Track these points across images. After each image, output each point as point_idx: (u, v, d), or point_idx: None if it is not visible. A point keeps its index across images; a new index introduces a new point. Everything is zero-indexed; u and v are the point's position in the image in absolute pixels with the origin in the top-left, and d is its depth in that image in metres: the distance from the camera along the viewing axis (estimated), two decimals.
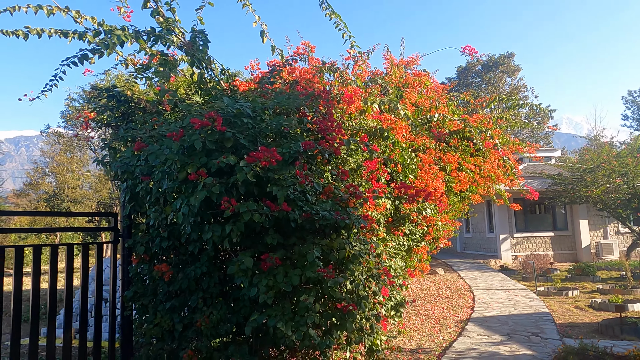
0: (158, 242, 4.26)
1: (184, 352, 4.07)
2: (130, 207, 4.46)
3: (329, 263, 3.90)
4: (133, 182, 4.28)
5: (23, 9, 5.41)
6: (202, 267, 4.10)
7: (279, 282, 3.62)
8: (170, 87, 5.24)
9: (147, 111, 4.94)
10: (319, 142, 4.02)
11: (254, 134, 3.76)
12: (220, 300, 4.19)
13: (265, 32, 5.98)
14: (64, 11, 5.44)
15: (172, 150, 3.46)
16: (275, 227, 3.83)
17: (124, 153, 4.31)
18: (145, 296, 4.42)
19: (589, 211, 18.59)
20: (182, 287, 4.15)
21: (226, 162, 3.39)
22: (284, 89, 4.99)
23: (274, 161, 3.33)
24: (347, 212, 4.02)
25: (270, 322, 3.64)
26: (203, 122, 3.34)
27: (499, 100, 9.66)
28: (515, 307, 9.11)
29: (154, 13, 4.51)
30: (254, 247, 3.87)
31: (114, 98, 4.79)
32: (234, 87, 5.40)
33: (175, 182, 3.57)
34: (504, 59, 32.40)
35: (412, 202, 5.62)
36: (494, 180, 9.49)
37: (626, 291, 10.93)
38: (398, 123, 6.09)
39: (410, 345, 6.48)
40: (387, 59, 9.24)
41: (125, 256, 4.61)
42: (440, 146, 8.35)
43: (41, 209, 29.49)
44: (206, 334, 3.97)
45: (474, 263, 17.54)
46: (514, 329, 7.19)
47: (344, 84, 6.05)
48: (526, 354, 5.85)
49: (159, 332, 4.15)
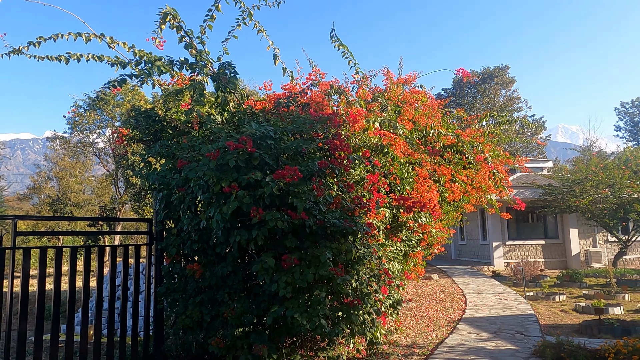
0: (189, 245, 4.92)
1: (211, 339, 4.72)
2: (164, 214, 5.12)
3: (337, 263, 4.57)
4: (168, 192, 4.94)
5: (65, 36, 6.12)
6: (227, 266, 4.76)
7: (296, 279, 4.29)
8: (194, 106, 5.92)
9: (176, 129, 5.60)
10: (330, 159, 4.70)
11: (275, 153, 4.45)
12: (242, 295, 4.86)
13: (278, 56, 6.67)
14: (99, 38, 6.13)
15: (209, 167, 4.13)
16: (292, 232, 4.50)
17: (162, 167, 4.98)
18: (176, 292, 5.07)
19: (578, 220, 19.31)
20: (211, 284, 4.81)
21: (255, 177, 4.07)
22: (299, 111, 5.68)
23: (296, 178, 4.01)
24: (353, 220, 4.70)
25: (289, 313, 4.31)
26: (237, 145, 4.02)
27: (490, 117, 10.37)
28: (503, 309, 9.79)
29: (187, 46, 5.19)
30: (274, 250, 4.53)
31: (150, 118, 5.45)
32: (251, 108, 6.08)
33: (210, 193, 4.24)
34: (498, 71, 33.31)
35: (409, 211, 6.30)
36: (485, 190, 10.19)
37: (609, 296, 11.63)
38: (397, 140, 6.78)
39: (406, 341, 7.13)
40: (386, 75, 9.95)
41: (158, 257, 5.26)
42: (435, 159, 9.04)
43: (44, 214, 30.04)
44: (232, 323, 4.63)
45: (468, 269, 18.21)
46: (500, 328, 7.85)
47: (349, 105, 6.74)
48: (510, 348, 6.53)
49: (190, 322, 4.79)
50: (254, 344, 4.58)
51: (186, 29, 5.14)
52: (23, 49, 5.87)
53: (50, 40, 6.00)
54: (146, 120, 5.46)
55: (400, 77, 10.31)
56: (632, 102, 50.95)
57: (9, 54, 5.84)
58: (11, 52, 5.82)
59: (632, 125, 51.15)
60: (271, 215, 4.03)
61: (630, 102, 51.06)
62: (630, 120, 51.31)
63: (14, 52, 5.82)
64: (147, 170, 5.21)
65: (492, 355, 6.17)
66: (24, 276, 4.09)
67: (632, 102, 50.95)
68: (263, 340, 4.60)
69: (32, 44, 5.87)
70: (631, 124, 51.24)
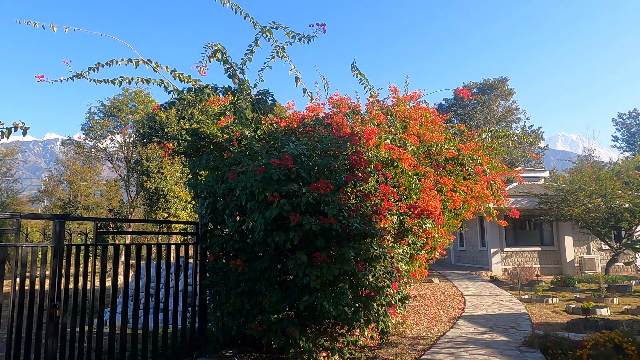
0: (231, 244, 5.81)
1: (251, 324, 5.60)
2: (209, 218, 6.01)
3: (358, 261, 5.46)
4: (214, 199, 5.84)
5: (118, 62, 7.05)
6: (265, 262, 5.65)
7: (324, 273, 5.18)
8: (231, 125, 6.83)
9: (217, 145, 6.51)
10: (352, 173, 5.61)
11: (308, 168, 5.35)
12: (277, 287, 5.74)
13: (299, 78, 7.58)
14: (146, 63, 7.06)
15: (255, 179, 5.03)
16: (321, 234, 5.39)
17: (207, 178, 5.88)
18: (218, 284, 5.95)
19: (573, 228, 20.19)
20: (250, 277, 5.69)
21: (293, 188, 4.97)
22: (322, 130, 6.59)
23: (328, 189, 4.91)
24: (371, 224, 5.60)
25: (318, 301, 5.19)
26: (280, 162, 4.93)
27: (488, 131, 11.30)
28: (499, 309, 10.66)
29: (231, 76, 6.11)
30: (305, 249, 5.42)
31: (196, 135, 6.36)
32: (277, 124, 7.00)
33: (255, 201, 5.13)
34: (498, 83, 34.34)
35: (417, 218, 7.20)
36: (484, 199, 11.09)
37: (599, 300, 12.50)
38: (405, 155, 7.69)
39: (411, 334, 8.01)
40: (392, 91, 10.90)
41: (202, 254, 6.15)
42: (438, 171, 9.95)
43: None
44: (268, 310, 5.51)
45: (467, 274, 19.07)
46: (496, 324, 8.73)
47: (364, 124, 7.65)
48: (503, 339, 7.40)
49: (232, 309, 5.67)
50: (287, 328, 5.47)
51: (231, 62, 6.07)
52: (84, 74, 6.79)
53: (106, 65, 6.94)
54: (192, 137, 6.37)
55: (406, 94, 11.25)
56: (630, 112, 51.98)
57: (73, 78, 6.76)
58: (74, 76, 6.75)
59: (629, 135, 52.14)
60: (307, 220, 4.93)
61: (628, 113, 52.11)
62: (628, 130, 52.31)
63: (77, 76, 6.74)
64: (195, 181, 6.11)
65: (488, 345, 7.05)
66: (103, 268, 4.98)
67: (630, 112, 51.98)
68: (295, 325, 5.48)
69: (91, 69, 6.80)
70: (628, 134, 52.24)
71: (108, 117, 26.07)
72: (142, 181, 20.95)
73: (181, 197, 21.32)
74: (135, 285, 5.29)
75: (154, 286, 5.72)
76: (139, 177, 21.56)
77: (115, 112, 25.39)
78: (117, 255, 5.05)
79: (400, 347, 6.97)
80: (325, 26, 5.76)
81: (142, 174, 20.95)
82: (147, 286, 5.25)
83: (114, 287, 5.02)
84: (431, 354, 6.59)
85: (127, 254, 5.40)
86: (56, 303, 4.52)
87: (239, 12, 6.95)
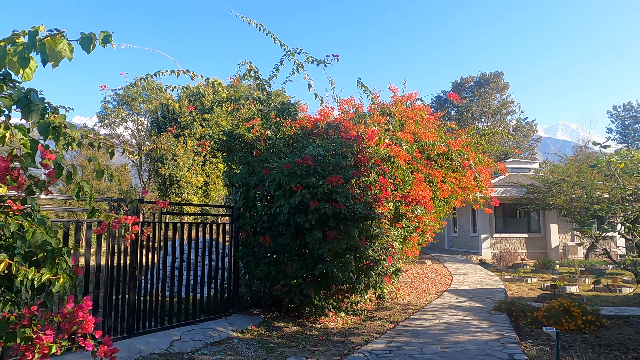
0: (260, 224, 7.32)
1: (276, 286, 7.14)
2: (242, 203, 7.50)
3: (361, 238, 6.98)
4: (246, 188, 7.33)
5: (163, 73, 8.47)
6: (287, 238, 7.17)
7: (335, 247, 6.70)
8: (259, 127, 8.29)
9: (246, 143, 7.98)
10: (358, 169, 7.11)
11: (323, 166, 6.84)
12: (296, 258, 7.27)
13: (311, 84, 9.01)
14: (185, 73, 8.48)
15: (283, 174, 6.51)
16: (332, 216, 6.89)
17: (242, 171, 7.37)
18: (249, 256, 7.48)
19: (558, 216, 21.73)
20: (275, 250, 7.22)
21: (312, 182, 6.47)
22: (332, 132, 8.06)
23: (339, 182, 6.40)
24: (372, 209, 7.10)
25: (329, 269, 6.72)
26: (303, 161, 6.41)
27: (475, 129, 12.76)
28: (481, 285, 12.24)
29: (261, 88, 7.55)
30: (320, 228, 6.93)
31: (230, 135, 7.83)
32: (294, 127, 8.47)
33: (282, 191, 6.63)
34: (494, 77, 35.67)
35: (409, 205, 8.71)
36: (470, 190, 12.61)
37: (572, 280, 14.10)
38: (401, 152, 9.17)
39: (403, 302, 9.58)
40: (392, 90, 12.34)
41: (235, 232, 7.65)
42: (430, 164, 11.44)
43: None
44: (290, 276, 7.05)
45: (458, 257, 20.69)
46: (475, 296, 10.31)
47: (366, 126, 9.12)
48: (479, 306, 8.98)
49: (262, 275, 7.20)
50: (305, 289, 7.01)
51: (261, 78, 7.52)
52: (137, 82, 8.21)
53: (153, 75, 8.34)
54: (227, 136, 7.86)
55: (404, 94, 12.69)
56: (624, 105, 53.31)
57: (127, 88, 8.21)
58: (129, 85, 8.18)
59: (623, 128, 53.55)
60: (322, 205, 6.43)
61: (622, 105, 53.44)
62: (622, 123, 53.72)
63: (131, 85, 8.17)
64: (230, 173, 7.60)
65: (465, 310, 8.62)
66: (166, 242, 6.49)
67: (624, 105, 53.31)
68: (310, 287, 7.03)
69: (142, 79, 8.22)
70: (622, 126, 53.65)
71: (122, 106, 27.45)
72: (157, 167, 22.39)
73: (193, 182, 22.79)
74: (188, 256, 6.81)
75: (201, 255, 7.24)
76: (153, 164, 23.00)
77: (129, 101, 26.74)
78: (175, 231, 6.57)
79: (393, 311, 8.53)
80: (338, 56, 7.19)
81: (156, 160, 22.38)
82: (195, 257, 6.75)
83: (173, 256, 6.55)
84: (418, 314, 8.16)
85: (182, 230, 6.90)
86: (135, 265, 6.02)
87: (262, 29, 8.37)
